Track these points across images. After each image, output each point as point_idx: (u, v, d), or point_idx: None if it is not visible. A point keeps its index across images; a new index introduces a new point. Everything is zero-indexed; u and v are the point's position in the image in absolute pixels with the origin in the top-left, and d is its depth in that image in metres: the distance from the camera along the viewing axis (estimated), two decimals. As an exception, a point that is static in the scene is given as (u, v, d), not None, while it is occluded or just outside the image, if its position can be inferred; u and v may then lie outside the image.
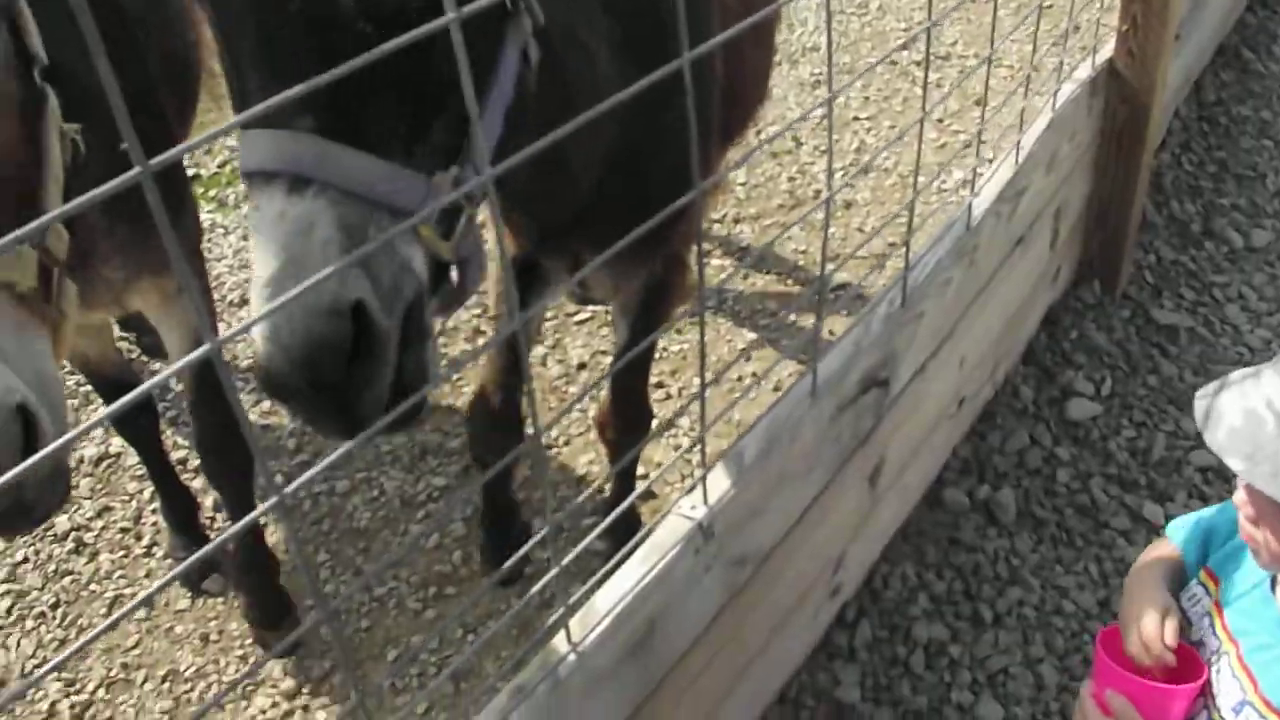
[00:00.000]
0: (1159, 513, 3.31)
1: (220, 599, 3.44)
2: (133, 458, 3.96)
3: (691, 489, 2.05)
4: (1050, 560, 3.21)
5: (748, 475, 2.10)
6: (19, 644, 3.38)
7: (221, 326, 4.44)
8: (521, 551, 1.77)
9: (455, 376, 4.06)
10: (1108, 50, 3.67)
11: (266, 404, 4.09)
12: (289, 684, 3.19)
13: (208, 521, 3.60)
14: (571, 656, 1.83)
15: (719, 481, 2.08)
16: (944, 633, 3.02)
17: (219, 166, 5.47)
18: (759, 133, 5.29)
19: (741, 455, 2.14)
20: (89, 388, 3.74)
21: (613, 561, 1.95)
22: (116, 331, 4.23)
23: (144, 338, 4.29)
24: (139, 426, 3.36)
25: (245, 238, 4.98)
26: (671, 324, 2.61)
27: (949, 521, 3.31)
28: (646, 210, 1.70)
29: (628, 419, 2.97)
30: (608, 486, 3.39)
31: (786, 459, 2.22)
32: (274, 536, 3.57)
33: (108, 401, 3.36)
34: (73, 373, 3.85)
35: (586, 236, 2.42)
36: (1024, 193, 3.14)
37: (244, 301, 4.59)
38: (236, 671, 3.25)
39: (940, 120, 5.31)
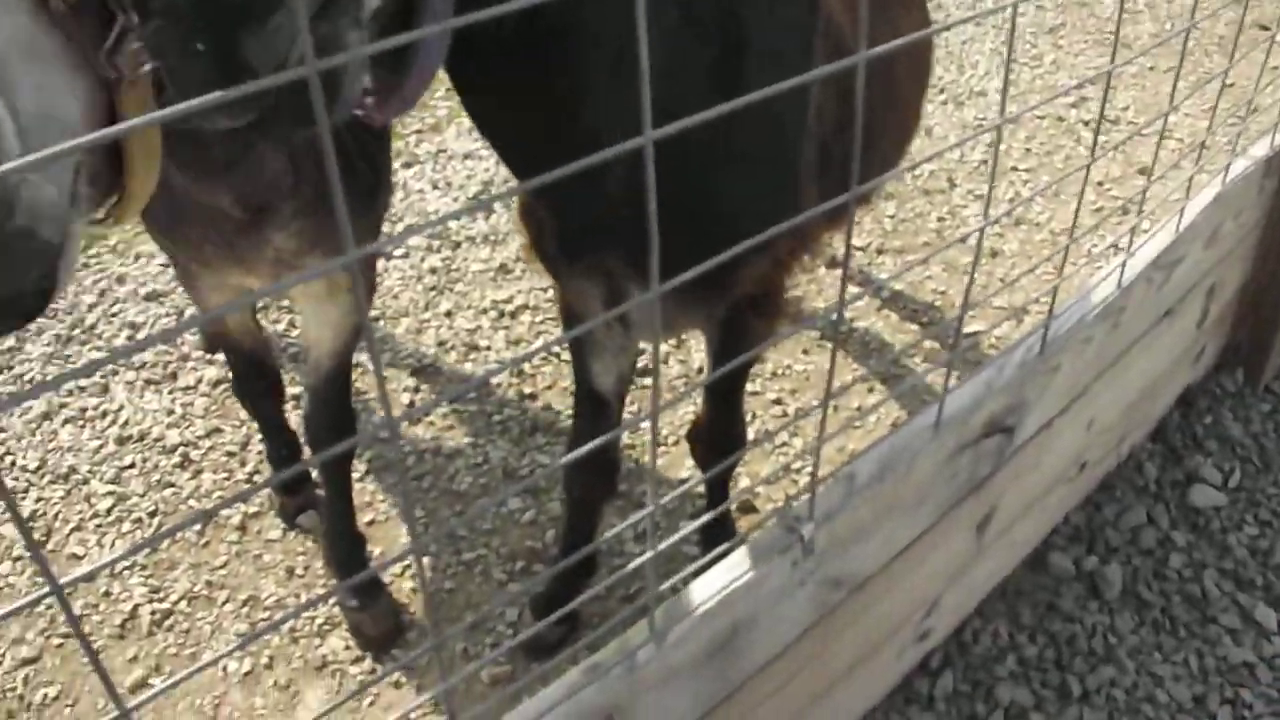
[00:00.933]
0: (1272, 617, 3.16)
1: (311, 536, 3.49)
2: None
3: (796, 498, 2.02)
4: (1150, 645, 3.09)
5: (857, 497, 2.06)
6: (114, 544, 3.48)
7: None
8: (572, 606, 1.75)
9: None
10: (1290, 133, 3.53)
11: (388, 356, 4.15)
12: (366, 631, 3.22)
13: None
14: (651, 645, 1.81)
15: (827, 499, 2.04)
16: (1028, 698, 2.93)
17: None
18: (913, 169, 5.23)
19: (854, 476, 2.09)
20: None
21: (708, 557, 1.93)
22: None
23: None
24: (262, 402, 3.32)
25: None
26: (755, 355, 2.38)
27: (1050, 586, 3.21)
28: (698, 232, 1.54)
29: (716, 438, 2.90)
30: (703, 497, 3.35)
31: (899, 488, 2.17)
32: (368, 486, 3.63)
33: (241, 381, 3.26)
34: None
35: (621, 246, 2.16)
36: (1180, 263, 3.04)
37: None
38: (316, 609, 3.30)
39: (1100, 183, 5.19)
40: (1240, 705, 2.94)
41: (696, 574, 1.93)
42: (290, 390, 3.65)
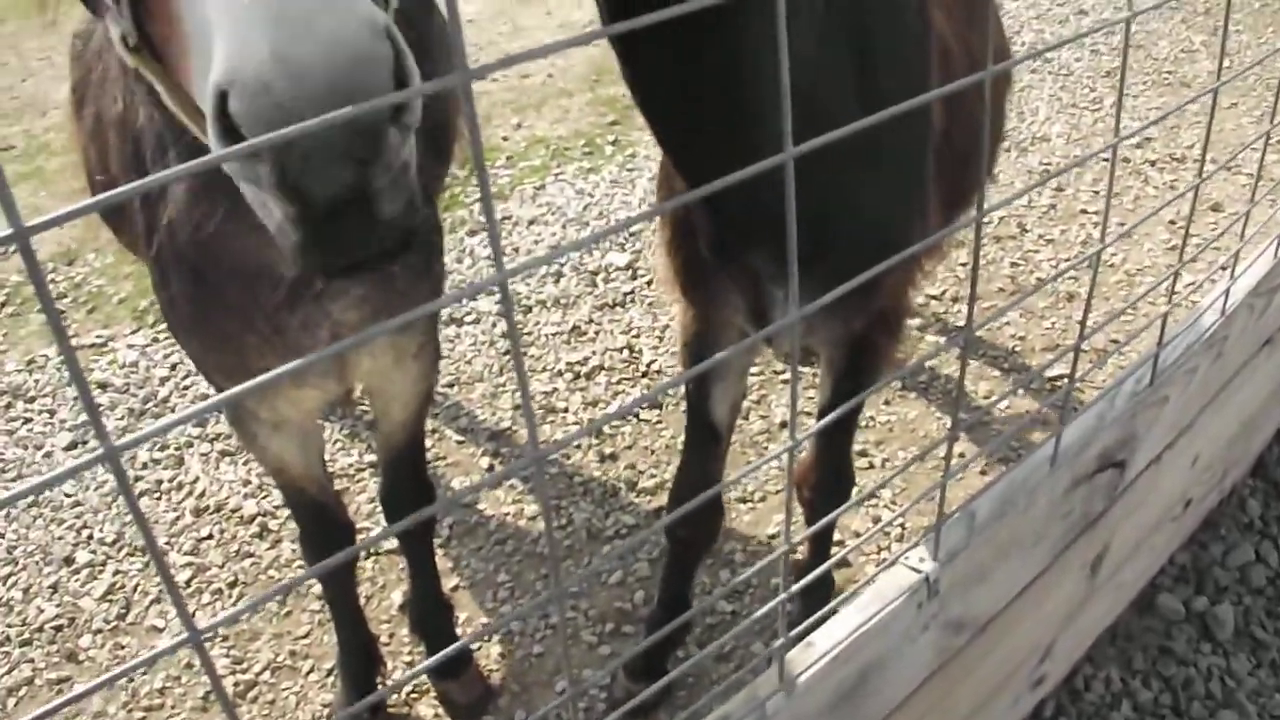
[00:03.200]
0: (1391, 653, 3.05)
1: (396, 603, 3.45)
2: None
3: (919, 542, 1.96)
4: (1270, 687, 2.98)
5: (979, 536, 2.00)
6: (195, 615, 3.45)
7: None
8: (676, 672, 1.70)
9: (655, 419, 4.04)
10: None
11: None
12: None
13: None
14: (781, 694, 1.75)
15: (949, 539, 1.99)
16: (1147, 745, 2.83)
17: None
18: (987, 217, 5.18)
19: (974, 515, 2.04)
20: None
21: (836, 601, 1.87)
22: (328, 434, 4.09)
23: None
24: (338, 572, 2.88)
25: (460, 263, 5.06)
26: (879, 387, 2.37)
27: (1160, 629, 3.11)
28: (844, 241, 1.53)
29: (827, 480, 2.84)
30: (802, 549, 3.27)
31: (1017, 525, 2.11)
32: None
33: (305, 530, 2.84)
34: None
35: (770, 251, 2.13)
36: (1279, 290, 2.97)
37: (453, 323, 4.66)
38: (401, 675, 3.26)
39: (1172, 222, 5.12)
40: (1370, 746, 2.83)
41: (823, 620, 1.87)
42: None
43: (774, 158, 1.14)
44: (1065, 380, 4.08)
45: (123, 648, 3.40)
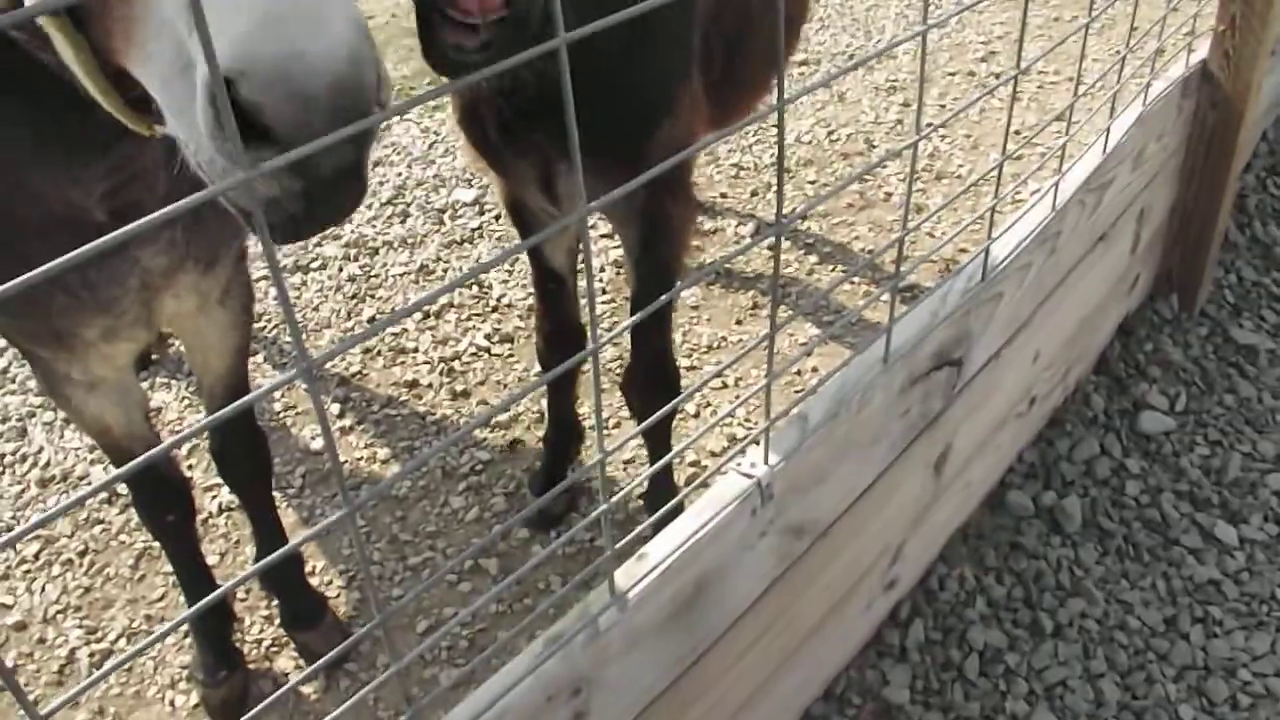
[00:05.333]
0: (1232, 534, 3.14)
1: (249, 559, 3.35)
2: (172, 413, 3.90)
3: (748, 443, 1.93)
4: (1115, 574, 3.05)
5: (812, 437, 1.98)
6: (44, 589, 3.31)
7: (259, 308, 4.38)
8: (565, 484, 1.64)
9: (507, 353, 3.97)
10: (1202, 53, 3.52)
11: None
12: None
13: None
14: (613, 608, 1.71)
15: (781, 442, 1.96)
16: (1001, 639, 2.87)
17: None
18: (830, 133, 5.18)
19: (806, 417, 2.01)
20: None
21: (663, 510, 1.83)
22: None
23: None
24: (174, 530, 2.80)
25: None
26: (694, 280, 2.46)
27: (1010, 526, 3.15)
28: (617, 111, 1.57)
29: (651, 377, 2.85)
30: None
31: (853, 426, 2.09)
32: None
33: (135, 491, 2.75)
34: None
35: (551, 130, 2.26)
36: (1109, 185, 3.00)
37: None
38: (261, 632, 3.16)
39: (1017, 132, 5.18)
40: (1211, 622, 2.91)
41: (656, 529, 1.83)
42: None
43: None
44: (915, 290, 4.11)
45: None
